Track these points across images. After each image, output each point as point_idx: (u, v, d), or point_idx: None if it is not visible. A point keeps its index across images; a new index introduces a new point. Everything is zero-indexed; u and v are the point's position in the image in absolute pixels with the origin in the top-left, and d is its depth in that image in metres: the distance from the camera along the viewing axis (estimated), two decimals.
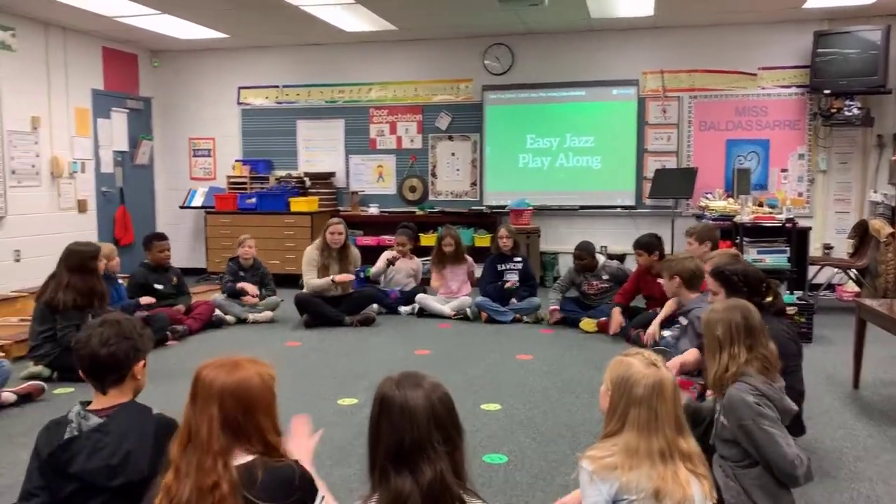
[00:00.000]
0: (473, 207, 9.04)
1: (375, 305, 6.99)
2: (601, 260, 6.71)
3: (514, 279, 6.88)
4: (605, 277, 6.59)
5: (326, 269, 6.71)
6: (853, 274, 7.36)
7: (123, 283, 6.11)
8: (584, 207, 8.79)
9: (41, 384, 4.59)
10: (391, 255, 7.32)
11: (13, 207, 7.58)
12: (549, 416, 4.12)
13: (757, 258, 6.43)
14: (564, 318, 6.51)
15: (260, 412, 1.86)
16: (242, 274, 7.03)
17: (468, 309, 6.85)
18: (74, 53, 8.48)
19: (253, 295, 6.84)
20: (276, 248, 8.66)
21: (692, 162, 8.52)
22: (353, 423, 3.97)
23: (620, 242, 8.49)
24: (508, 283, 6.85)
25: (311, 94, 9.59)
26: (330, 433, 3.70)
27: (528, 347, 5.74)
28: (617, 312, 6.08)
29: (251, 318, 6.77)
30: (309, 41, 9.24)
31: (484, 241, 8.49)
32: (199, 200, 9.68)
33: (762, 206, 7.21)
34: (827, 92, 7.73)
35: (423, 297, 7.08)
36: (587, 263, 6.60)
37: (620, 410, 1.99)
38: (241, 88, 9.76)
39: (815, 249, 7.77)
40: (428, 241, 8.34)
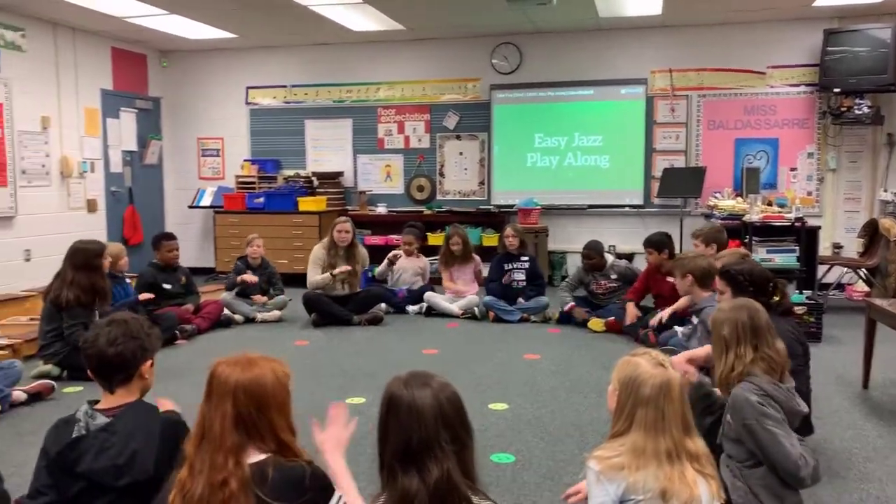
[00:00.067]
0: (481, 207, 9.04)
1: (383, 304, 6.99)
2: (609, 259, 6.70)
3: (519, 278, 6.88)
4: (613, 277, 6.58)
5: (333, 267, 6.72)
6: (863, 273, 7.31)
7: (132, 282, 6.13)
8: (592, 206, 8.77)
9: (51, 383, 4.62)
10: (392, 254, 7.33)
11: (23, 207, 7.63)
12: (556, 415, 4.12)
13: (766, 257, 6.41)
14: (573, 309, 6.50)
15: (273, 409, 1.88)
16: (255, 282, 7.03)
17: (476, 308, 6.85)
18: (84, 54, 8.52)
19: (251, 283, 6.87)
20: (284, 247, 8.68)
21: (701, 161, 8.49)
22: (361, 421, 3.96)
23: (629, 242, 8.48)
24: (512, 281, 6.83)
25: (319, 93, 9.60)
26: None
27: (535, 347, 5.74)
28: (631, 305, 6.11)
29: (260, 317, 6.79)
30: (317, 41, 9.26)
31: (492, 240, 8.49)
32: (207, 200, 9.72)
33: (771, 205, 7.17)
34: (837, 90, 7.68)
35: (431, 295, 7.09)
36: (596, 263, 6.58)
37: (628, 410, 1.99)
38: (249, 88, 9.78)
39: (824, 249, 7.74)
40: (436, 240, 8.35)
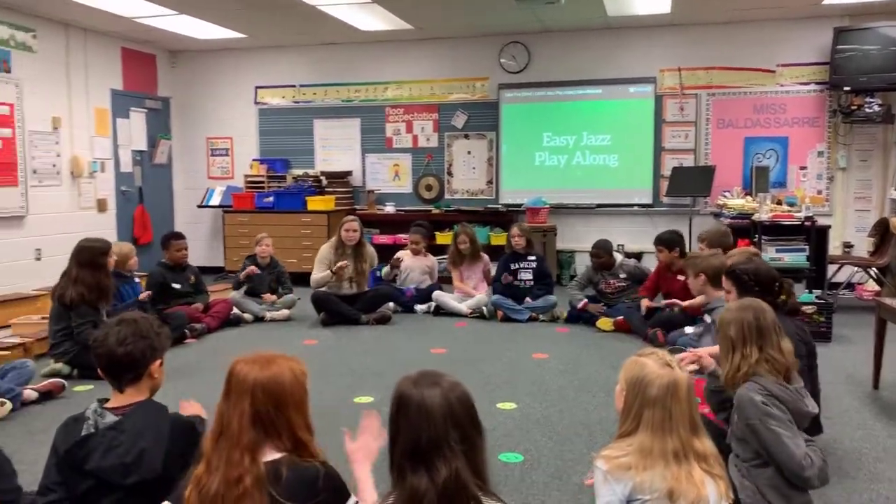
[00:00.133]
0: (489, 206, 9.04)
1: (391, 304, 7.00)
2: (618, 258, 6.68)
3: (526, 277, 6.87)
4: (622, 276, 6.56)
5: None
6: (873, 272, 7.27)
7: (141, 282, 6.16)
8: (600, 206, 8.75)
9: (61, 381, 4.64)
10: (395, 258, 7.35)
11: (34, 207, 7.68)
12: (565, 415, 4.12)
13: (775, 256, 6.39)
14: (587, 306, 6.49)
15: (291, 408, 1.89)
16: (258, 272, 7.07)
17: (484, 307, 6.85)
18: (94, 54, 8.57)
19: (253, 273, 6.91)
20: (293, 246, 8.71)
21: (710, 160, 8.46)
22: None
23: (638, 241, 8.46)
24: (518, 281, 6.81)
25: (327, 93, 9.62)
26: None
27: (544, 346, 5.73)
28: (646, 299, 6.14)
29: (269, 316, 6.81)
30: (325, 41, 9.27)
31: (500, 239, 8.48)
32: (216, 199, 9.75)
33: (781, 204, 7.15)
34: (847, 89, 7.64)
35: (439, 294, 7.09)
36: (605, 261, 6.57)
37: (635, 411, 1.99)
38: (258, 88, 9.81)
39: (834, 248, 7.71)
40: (444, 239, 8.36)
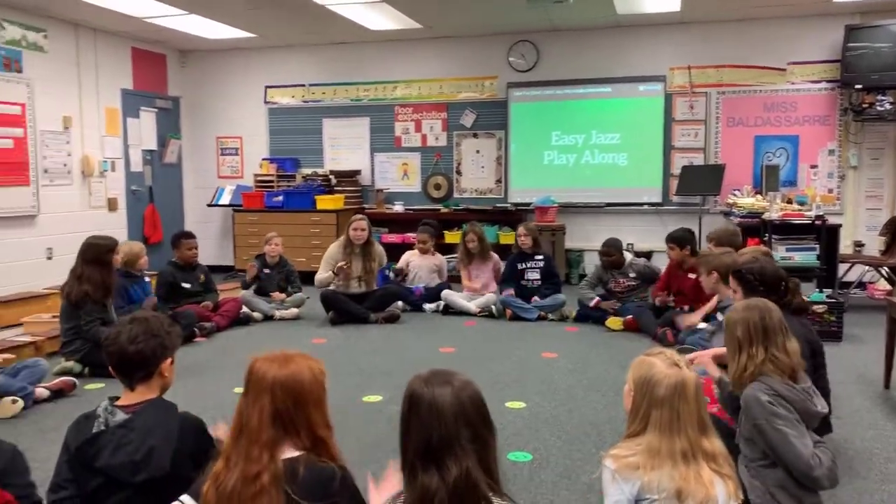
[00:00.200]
0: (498, 205, 9.03)
1: (400, 302, 7.01)
2: (628, 257, 6.67)
3: (533, 277, 6.86)
4: (631, 275, 6.54)
5: (349, 265, 6.74)
6: (885, 272, 7.23)
7: (151, 281, 6.19)
8: (610, 204, 8.74)
9: (72, 380, 4.67)
10: (400, 267, 7.42)
11: (45, 206, 7.72)
12: (574, 414, 4.11)
13: (786, 255, 6.36)
14: (599, 304, 6.47)
15: (310, 405, 1.90)
16: (267, 271, 7.10)
17: (493, 306, 6.85)
18: (104, 54, 8.61)
19: (254, 273, 6.97)
20: (302, 245, 8.73)
21: (720, 158, 8.43)
22: (378, 419, 3.99)
23: (647, 240, 8.44)
24: (510, 292, 6.78)
25: (336, 92, 9.64)
26: (355, 430, 3.73)
27: (553, 345, 5.73)
28: (660, 294, 6.16)
29: (278, 314, 6.84)
30: (335, 40, 9.29)
31: (509, 238, 8.47)
32: (226, 199, 9.79)
33: (791, 202, 7.11)
34: (858, 87, 7.60)
35: (448, 293, 7.09)
36: (615, 260, 6.55)
37: (643, 411, 1.98)
38: (267, 87, 9.84)
39: (845, 247, 7.66)
40: (453, 238, 8.36)
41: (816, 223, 6.55)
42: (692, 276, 5.83)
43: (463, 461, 1.64)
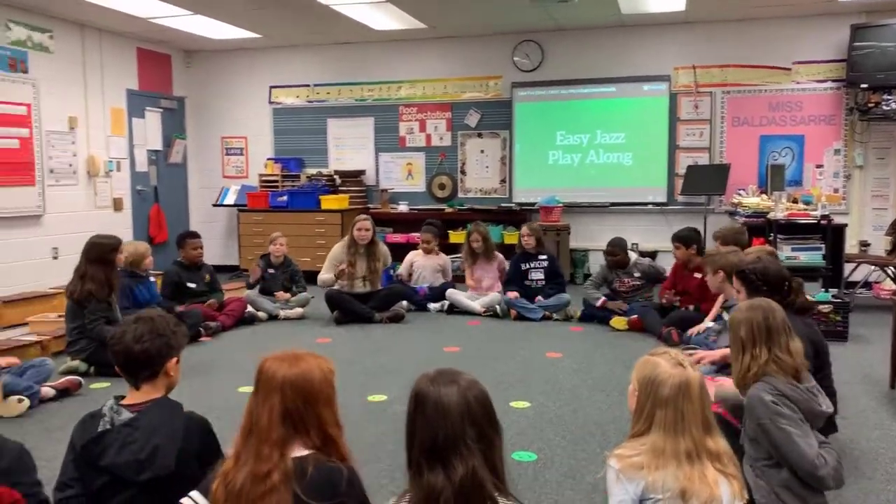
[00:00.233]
0: (503, 205, 9.02)
1: (405, 302, 7.01)
2: (633, 257, 6.66)
3: (537, 277, 6.85)
4: (636, 275, 6.53)
5: (353, 265, 6.76)
6: (890, 271, 7.21)
7: (157, 280, 6.20)
8: (614, 204, 8.73)
9: (78, 379, 4.69)
10: (398, 274, 7.48)
11: (51, 206, 7.75)
12: (578, 414, 4.11)
13: (791, 255, 6.35)
14: (605, 304, 6.45)
15: (320, 404, 1.91)
16: (271, 271, 7.11)
17: (498, 306, 6.85)
18: (110, 54, 8.63)
19: (258, 276, 6.97)
20: (307, 245, 8.74)
21: (725, 158, 8.42)
22: (382, 419, 4.00)
23: (652, 240, 8.43)
24: (514, 294, 6.75)
25: (341, 92, 9.65)
26: (359, 429, 3.73)
27: (557, 345, 5.72)
28: (668, 293, 6.14)
29: (283, 314, 6.84)
30: (339, 40, 9.30)
31: (513, 238, 8.45)
32: (231, 198, 9.81)
33: (796, 202, 7.09)
34: (864, 86, 7.59)
35: (452, 292, 7.09)
36: (620, 259, 6.54)
37: (647, 411, 1.98)
38: (272, 87, 9.85)
39: (851, 246, 7.64)
40: (457, 238, 8.36)
41: (822, 223, 6.54)
42: (697, 275, 5.82)
43: (469, 460, 1.64)
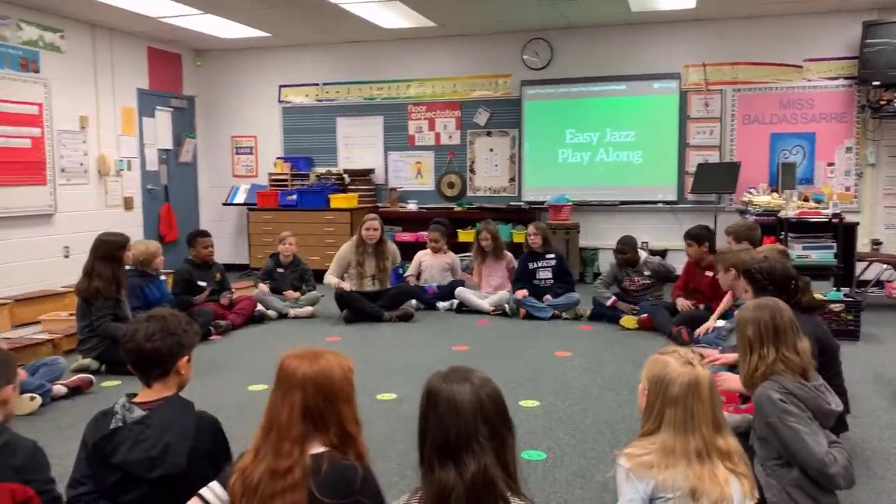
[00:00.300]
0: (512, 203, 9.01)
1: (414, 301, 7.01)
2: (643, 255, 6.63)
3: (545, 276, 6.84)
4: (646, 273, 6.51)
5: (362, 265, 6.77)
6: None
7: (167, 279, 6.23)
8: (624, 202, 8.70)
9: (90, 377, 4.71)
10: (411, 274, 7.52)
11: (62, 205, 7.79)
12: (588, 412, 4.11)
13: (802, 254, 6.31)
14: (615, 304, 6.43)
15: (340, 401, 1.92)
16: (281, 270, 7.14)
17: (507, 305, 6.84)
18: (120, 54, 8.67)
19: (264, 292, 6.98)
20: (316, 244, 8.76)
21: (735, 156, 8.38)
22: (391, 417, 4.00)
23: (662, 238, 8.41)
24: (523, 293, 6.74)
25: (350, 91, 9.66)
26: (369, 428, 3.73)
27: (567, 344, 5.72)
28: (681, 298, 6.08)
29: (292, 313, 6.86)
30: (348, 39, 9.31)
31: (522, 236, 8.41)
32: (241, 197, 9.84)
33: (808, 200, 7.05)
34: (876, 83, 7.53)
35: (461, 291, 7.08)
36: (630, 257, 6.52)
37: (657, 410, 1.98)
38: (281, 86, 9.87)
39: (863, 245, 7.59)
40: (466, 237, 8.36)
41: (833, 221, 6.50)
42: (709, 274, 5.80)
43: (481, 458, 1.64)
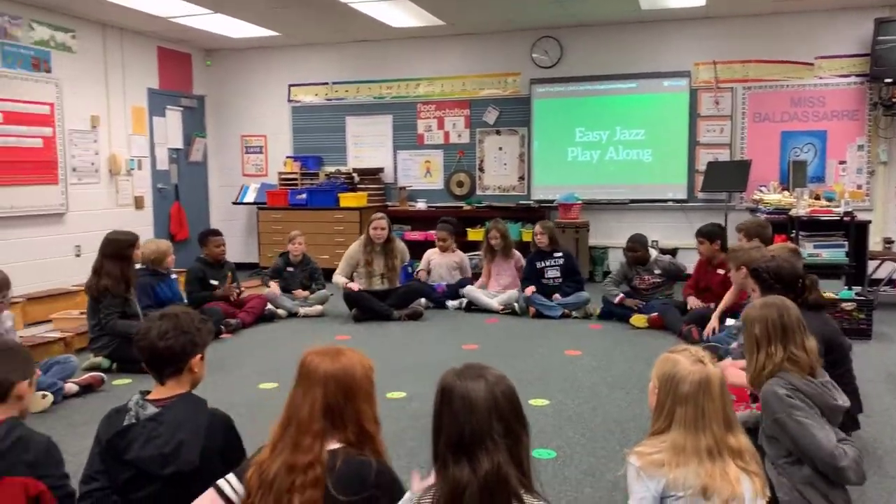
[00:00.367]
0: (521, 202, 9.00)
1: (423, 300, 7.02)
2: (653, 254, 6.61)
3: (553, 275, 6.83)
4: (657, 272, 6.49)
5: (370, 264, 6.79)
6: None
7: (178, 278, 6.25)
8: (634, 201, 8.68)
9: (101, 375, 4.73)
10: (421, 269, 7.54)
11: (74, 204, 7.84)
12: (598, 411, 4.10)
13: (814, 252, 6.28)
14: (623, 301, 6.42)
15: (360, 399, 1.94)
16: (290, 269, 7.16)
17: (516, 303, 6.83)
18: (131, 54, 8.71)
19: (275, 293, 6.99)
20: (325, 242, 8.78)
21: (746, 154, 8.34)
22: (401, 416, 4.01)
23: (672, 237, 8.38)
24: (529, 289, 6.74)
25: (359, 90, 9.67)
26: None
27: (576, 343, 5.71)
28: (692, 297, 6.06)
29: (302, 311, 6.88)
30: (357, 38, 9.32)
31: (531, 235, 8.44)
32: (251, 196, 9.87)
33: (819, 199, 7.02)
34: (888, 80, 7.49)
35: (470, 289, 7.08)
36: (640, 256, 6.50)
37: (667, 408, 1.98)
38: (291, 86, 9.90)
39: (875, 243, 7.54)
40: (476, 235, 8.36)
41: (845, 219, 6.47)
42: (720, 271, 5.78)
43: (494, 455, 1.65)
